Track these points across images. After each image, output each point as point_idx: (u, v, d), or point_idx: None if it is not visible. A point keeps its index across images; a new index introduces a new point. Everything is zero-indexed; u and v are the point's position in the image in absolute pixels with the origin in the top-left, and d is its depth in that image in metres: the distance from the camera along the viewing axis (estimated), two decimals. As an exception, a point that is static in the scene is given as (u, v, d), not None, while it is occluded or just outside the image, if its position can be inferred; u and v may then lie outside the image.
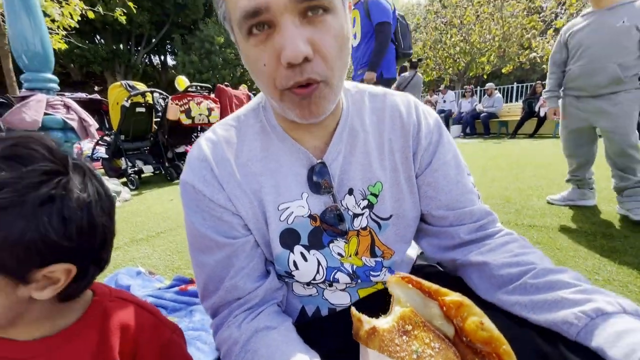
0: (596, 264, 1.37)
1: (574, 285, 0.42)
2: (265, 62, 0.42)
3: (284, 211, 0.54)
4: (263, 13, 0.38)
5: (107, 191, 0.46)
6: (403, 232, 0.60)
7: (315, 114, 0.46)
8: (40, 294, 0.38)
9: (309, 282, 0.58)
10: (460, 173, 0.58)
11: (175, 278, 1.27)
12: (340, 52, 0.44)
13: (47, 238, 0.36)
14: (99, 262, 0.46)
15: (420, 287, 0.35)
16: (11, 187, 0.35)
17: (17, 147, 0.38)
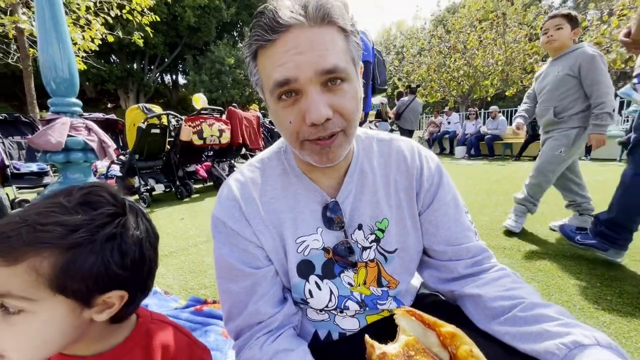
0: (597, 292, 1.40)
1: (557, 319, 0.48)
2: (291, 120, 0.51)
3: (301, 244, 0.62)
4: (292, 83, 0.48)
5: (153, 228, 0.55)
6: (407, 264, 0.67)
7: (332, 160, 0.54)
8: (99, 316, 0.46)
9: (322, 308, 0.65)
10: (458, 212, 0.65)
11: (191, 299, 1.34)
12: (356, 110, 0.53)
13: (109, 269, 0.44)
14: (145, 289, 0.54)
15: (421, 319, 0.43)
16: (85, 227, 0.43)
17: (89, 194, 0.48)
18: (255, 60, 0.52)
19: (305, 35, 0.47)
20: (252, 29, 0.49)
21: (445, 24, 13.73)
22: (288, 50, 0.47)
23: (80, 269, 0.42)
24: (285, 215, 0.62)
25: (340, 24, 0.49)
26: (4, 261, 0.40)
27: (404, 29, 27.58)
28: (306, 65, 0.47)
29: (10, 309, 0.40)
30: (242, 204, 0.61)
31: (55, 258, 0.41)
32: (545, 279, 1.55)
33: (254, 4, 22.84)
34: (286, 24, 0.46)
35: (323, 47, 0.47)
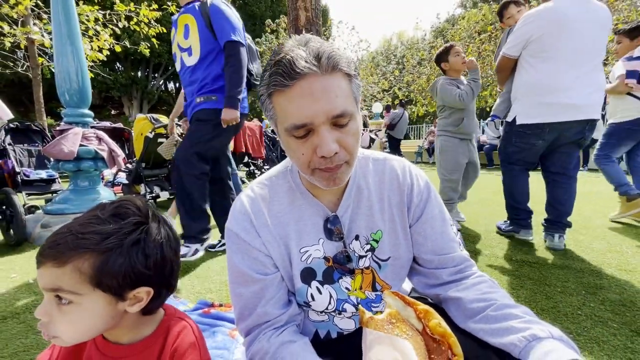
0: (581, 300, 1.48)
1: (521, 317, 0.57)
2: (303, 152, 0.60)
3: (305, 253, 0.72)
4: (307, 125, 0.57)
5: (174, 234, 0.65)
6: (398, 271, 0.76)
7: (337, 184, 0.64)
8: (131, 308, 0.57)
9: (322, 310, 0.74)
10: (444, 225, 0.75)
11: (200, 302, 1.42)
12: (357, 143, 0.63)
13: (135, 268, 0.55)
14: (169, 287, 0.64)
15: (402, 299, 0.56)
16: (115, 235, 0.54)
17: (119, 207, 0.59)
18: (270, 98, 0.61)
19: (319, 82, 0.55)
20: (271, 75, 0.58)
21: (445, 35, 13.97)
22: (304, 96, 0.55)
23: (112, 268, 0.53)
24: (291, 228, 0.72)
25: (346, 71, 0.58)
26: (56, 263, 0.51)
27: (404, 39, 28.00)
28: (320, 112, 0.55)
29: (63, 300, 0.51)
30: (253, 218, 0.71)
31: (94, 260, 0.52)
32: (533, 286, 1.63)
33: (257, 14, 23.27)
34: (302, 72, 0.54)
35: (333, 94, 0.56)
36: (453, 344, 0.48)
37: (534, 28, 1.93)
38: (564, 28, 1.85)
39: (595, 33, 1.87)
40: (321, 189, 0.71)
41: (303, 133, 0.58)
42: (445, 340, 0.49)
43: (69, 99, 2.87)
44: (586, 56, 1.88)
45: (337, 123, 0.58)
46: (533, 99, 2.00)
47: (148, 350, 0.61)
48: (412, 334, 0.51)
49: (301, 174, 0.71)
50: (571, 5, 1.87)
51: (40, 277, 0.52)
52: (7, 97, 18.32)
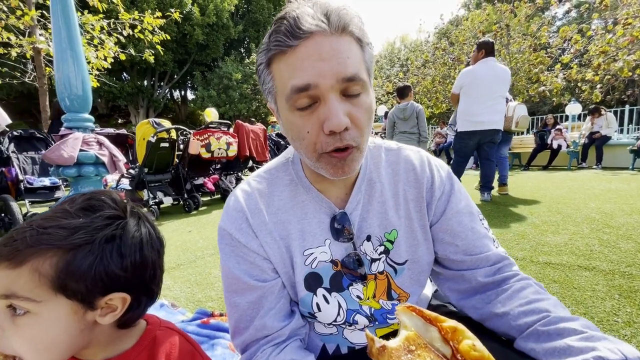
0: (615, 305, 1.35)
1: (581, 332, 0.45)
2: (308, 129, 0.50)
3: (309, 256, 0.61)
4: (312, 89, 0.47)
5: (157, 233, 0.56)
6: (417, 276, 0.65)
7: (347, 172, 0.54)
8: (103, 319, 0.47)
9: (330, 322, 0.64)
10: (473, 220, 0.63)
11: (198, 311, 1.33)
12: (369, 122, 0.53)
13: (109, 270, 0.45)
14: (150, 294, 0.54)
15: (422, 315, 0.42)
16: (84, 229, 0.45)
17: (91, 199, 0.49)
18: (269, 67, 0.52)
19: (328, 42, 0.47)
20: (272, 34, 0.49)
21: (449, 37, 13.88)
22: (310, 56, 0.46)
23: (79, 268, 0.43)
24: (293, 227, 0.61)
25: (358, 35, 0.50)
26: (10, 263, 0.42)
27: (407, 42, 27.95)
28: (328, 72, 0.46)
29: (17, 310, 0.42)
30: (249, 215, 0.61)
31: (57, 259, 0.43)
32: (560, 290, 1.50)
33: (260, 21, 23.49)
34: (308, 30, 0.46)
35: (344, 55, 0.47)
36: None
37: (462, 80, 3.46)
38: (476, 81, 3.37)
39: (496, 83, 3.35)
40: (327, 182, 0.61)
41: (307, 102, 0.49)
42: None
43: (70, 104, 2.83)
44: (489, 96, 3.34)
45: (347, 91, 0.49)
46: (464, 117, 3.51)
47: None
48: None
49: (306, 162, 0.60)
50: (482, 68, 3.36)
51: None
52: (17, 109, 18.74)
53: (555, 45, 9.48)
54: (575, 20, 12.83)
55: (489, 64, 3.33)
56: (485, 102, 3.30)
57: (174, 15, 7.01)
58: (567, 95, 12.10)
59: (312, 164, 0.55)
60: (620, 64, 7.27)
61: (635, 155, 6.20)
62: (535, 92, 10.47)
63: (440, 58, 13.19)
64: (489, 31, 11.69)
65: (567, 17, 20.97)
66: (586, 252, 1.95)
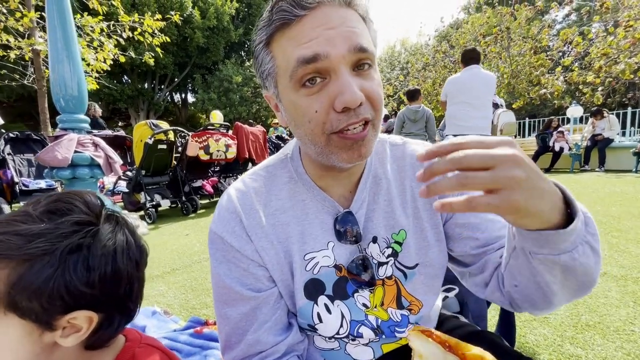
0: (630, 312, 1.28)
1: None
2: (317, 108, 0.44)
3: (310, 261, 0.55)
4: (321, 60, 0.42)
5: (137, 241, 0.49)
6: (430, 282, 0.59)
7: (364, 155, 0.47)
8: (65, 340, 0.40)
9: (332, 336, 0.57)
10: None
11: (191, 319, 1.26)
12: (382, 98, 0.48)
13: (71, 285, 0.39)
14: (125, 311, 0.47)
15: (440, 341, 0.35)
16: (45, 237, 0.38)
17: (58, 202, 0.43)
18: (269, 46, 0.47)
19: (336, 12, 0.43)
20: (274, 7, 0.44)
21: (449, 40, 13.89)
22: (318, 25, 0.42)
23: (34, 283, 0.37)
24: (292, 229, 0.55)
25: (362, 13, 0.47)
26: None
27: (408, 45, 28.01)
28: (339, 40, 0.42)
29: None
30: (243, 217, 0.55)
31: (9, 271, 0.36)
32: (572, 297, 1.43)
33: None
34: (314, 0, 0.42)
35: (354, 24, 0.44)
36: None
37: (448, 88, 3.60)
38: (461, 88, 3.49)
39: (480, 89, 3.41)
40: (330, 179, 0.55)
41: (315, 75, 0.43)
42: None
43: (65, 104, 2.78)
44: (474, 102, 3.42)
45: (359, 63, 0.44)
46: (451, 122, 3.65)
47: None
48: None
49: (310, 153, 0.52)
50: (466, 75, 3.47)
51: None
52: (18, 112, 18.70)
53: (555, 48, 9.46)
54: (575, 23, 12.86)
55: (473, 71, 3.46)
56: (470, 108, 3.47)
57: (174, 17, 6.98)
58: (567, 98, 12.08)
59: (321, 150, 0.48)
60: (622, 66, 7.23)
61: (639, 157, 6.14)
62: (536, 94, 10.44)
63: (440, 61, 13.19)
64: (490, 34, 11.69)
65: (567, 20, 21.03)
66: (596, 257, 1.88)
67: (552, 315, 1.29)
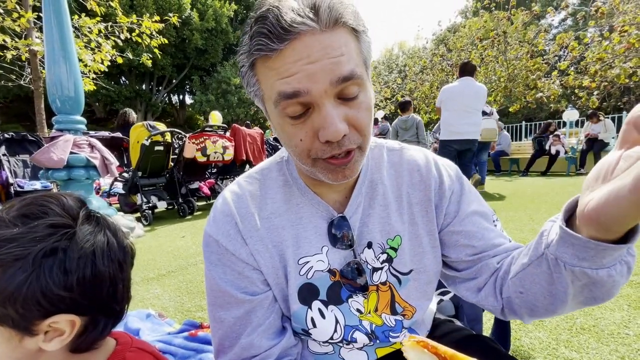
0: (625, 316, 1.29)
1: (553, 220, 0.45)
2: (302, 137, 0.44)
3: (304, 265, 0.55)
4: (302, 96, 0.41)
5: (120, 241, 0.48)
6: (424, 288, 0.59)
7: (347, 177, 0.48)
8: (48, 345, 0.40)
9: (326, 340, 0.57)
10: (487, 220, 0.58)
11: (186, 322, 1.25)
12: (370, 122, 0.47)
13: (47, 289, 0.38)
14: (110, 314, 0.47)
15: (435, 352, 0.34)
16: (18, 241, 0.38)
17: (31, 205, 0.42)
18: (253, 69, 0.45)
19: (317, 41, 0.40)
20: (253, 37, 0.42)
21: (447, 43, 13.98)
22: (298, 59, 0.40)
23: (6, 289, 0.36)
24: (287, 233, 0.55)
25: (353, 25, 0.43)
26: None
27: (405, 48, 28.15)
28: (320, 75, 0.40)
29: None
30: (238, 220, 0.54)
31: None
32: (567, 301, 1.44)
33: (259, 26, 23.58)
34: (294, 30, 0.39)
35: (338, 52, 0.41)
36: None
37: (442, 96, 4.04)
38: (453, 96, 3.93)
39: (471, 99, 3.87)
40: (325, 184, 0.55)
41: (299, 110, 0.43)
42: None
43: (61, 105, 2.77)
44: (465, 110, 3.88)
45: (343, 94, 0.43)
46: (444, 127, 4.09)
47: None
48: None
49: (300, 167, 0.54)
50: (459, 86, 3.93)
51: None
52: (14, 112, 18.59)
53: (552, 52, 9.55)
54: (571, 28, 12.98)
55: (466, 82, 3.91)
56: (461, 115, 3.91)
57: (173, 20, 6.97)
58: (563, 102, 12.17)
59: (308, 169, 0.49)
60: (617, 70, 7.31)
61: (634, 161, 6.20)
62: (533, 98, 10.51)
63: (438, 64, 13.26)
64: (486, 38, 11.77)
65: (563, 24, 21.23)
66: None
67: (548, 319, 1.29)
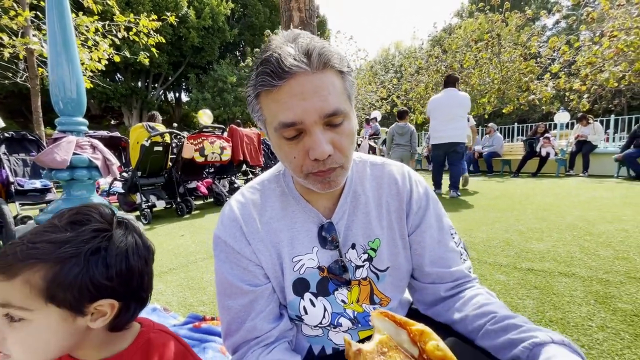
0: (591, 310, 1.42)
1: (520, 326, 0.53)
2: (295, 155, 0.56)
3: (297, 262, 0.66)
4: (297, 125, 0.52)
5: (144, 241, 0.60)
6: (398, 282, 0.70)
7: (332, 187, 0.59)
8: (94, 323, 0.51)
9: (316, 325, 0.68)
10: (442, 234, 0.69)
11: (190, 315, 1.36)
12: (352, 144, 0.58)
13: (94, 279, 0.49)
14: (139, 300, 0.58)
15: (393, 320, 0.47)
16: (71, 243, 0.49)
17: (77, 214, 0.53)
18: (258, 99, 0.56)
19: (309, 81, 0.51)
20: (258, 75, 0.53)
21: (442, 44, 14.12)
22: (294, 95, 0.51)
23: (66, 279, 0.47)
24: (283, 235, 0.66)
25: (339, 67, 0.54)
26: (4, 276, 0.46)
27: (402, 48, 28.31)
28: (311, 111, 0.51)
29: (14, 317, 0.46)
30: (243, 224, 0.65)
31: (45, 271, 0.47)
32: (540, 296, 1.56)
33: (256, 25, 23.58)
34: (291, 71, 0.50)
35: (325, 91, 0.52)
36: None
37: (429, 106, 4.67)
38: (439, 106, 4.50)
39: (455, 107, 4.42)
40: (315, 194, 0.66)
41: (294, 134, 0.54)
42: None
43: (64, 107, 2.82)
44: (449, 118, 4.44)
45: (330, 122, 0.54)
46: (433, 134, 4.75)
47: None
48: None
49: (294, 177, 0.66)
50: (444, 96, 4.50)
51: None
52: (7, 109, 18.41)
53: (545, 55, 9.72)
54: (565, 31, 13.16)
55: (450, 93, 4.47)
56: (447, 122, 4.49)
57: (170, 19, 7.01)
58: (556, 104, 12.38)
59: (301, 180, 0.60)
60: (607, 74, 7.49)
61: (620, 164, 6.38)
62: (525, 100, 10.70)
63: (433, 65, 13.39)
64: (481, 39, 11.93)
65: (557, 27, 21.49)
66: (567, 259, 2.02)
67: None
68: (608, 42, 7.52)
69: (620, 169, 6.45)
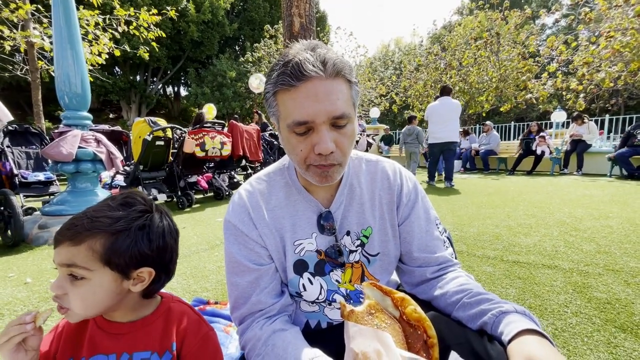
0: (568, 298, 1.52)
1: (492, 299, 0.63)
2: (302, 148, 0.65)
3: (298, 246, 0.75)
4: (309, 123, 0.61)
5: (174, 225, 0.70)
6: (386, 266, 0.80)
7: (329, 181, 0.68)
8: (134, 287, 0.61)
9: (313, 300, 0.78)
10: (429, 225, 0.80)
11: (195, 299, 1.45)
12: (351, 146, 0.68)
13: (140, 250, 0.60)
14: (168, 272, 0.68)
15: (380, 289, 0.59)
16: (124, 220, 0.60)
17: (127, 198, 0.64)
18: (275, 96, 0.65)
19: (323, 85, 0.59)
20: (279, 75, 0.61)
21: (442, 42, 14.16)
22: (309, 96, 0.59)
23: (120, 248, 0.58)
24: (286, 221, 0.76)
25: (348, 78, 0.64)
26: (72, 242, 0.57)
27: (402, 45, 28.28)
28: (322, 112, 0.60)
29: (77, 276, 0.56)
30: (251, 210, 0.75)
31: (105, 240, 0.57)
32: (522, 285, 1.67)
33: (256, 19, 23.47)
34: (308, 75, 0.58)
35: (335, 97, 0.60)
36: (428, 327, 0.52)
37: (427, 112, 5.73)
38: (435, 112, 5.57)
39: (448, 113, 5.46)
40: (316, 186, 0.76)
41: (304, 130, 0.63)
42: (421, 324, 0.52)
43: (69, 101, 2.91)
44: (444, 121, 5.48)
45: (336, 124, 0.63)
46: (431, 135, 5.71)
47: (149, 327, 0.66)
48: (390, 322, 0.54)
49: (297, 170, 0.75)
50: (439, 104, 5.55)
51: (57, 254, 0.57)
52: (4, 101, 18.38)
53: (543, 54, 9.80)
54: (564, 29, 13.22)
55: (445, 101, 5.52)
56: (442, 125, 5.53)
57: (170, 13, 7.04)
58: (554, 103, 12.49)
59: (302, 172, 0.70)
60: (602, 74, 7.59)
61: (613, 163, 6.50)
62: (523, 99, 10.80)
63: (432, 62, 13.45)
64: (480, 37, 11.99)
65: (557, 25, 21.52)
66: (551, 253, 2.13)
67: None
68: (605, 42, 7.61)
69: (614, 168, 6.58)
